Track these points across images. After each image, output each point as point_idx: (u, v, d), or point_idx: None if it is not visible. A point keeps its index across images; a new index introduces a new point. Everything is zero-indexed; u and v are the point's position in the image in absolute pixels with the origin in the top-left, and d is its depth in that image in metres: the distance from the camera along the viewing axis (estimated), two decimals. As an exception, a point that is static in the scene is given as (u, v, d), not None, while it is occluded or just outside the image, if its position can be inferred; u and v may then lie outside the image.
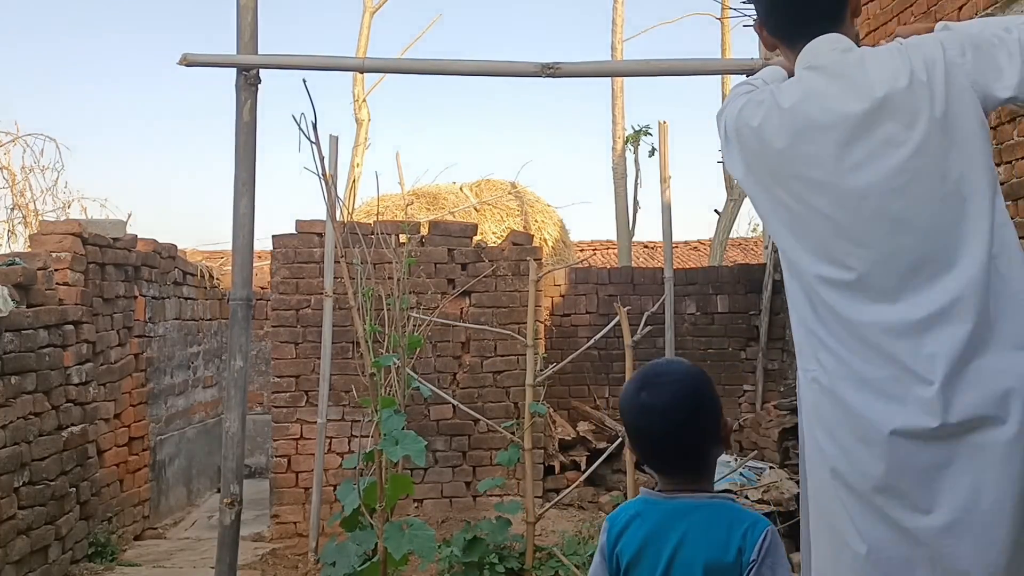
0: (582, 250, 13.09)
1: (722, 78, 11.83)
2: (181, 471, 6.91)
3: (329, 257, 5.03)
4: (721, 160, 9.47)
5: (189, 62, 3.05)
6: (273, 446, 5.92)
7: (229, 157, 3.09)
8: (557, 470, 6.29)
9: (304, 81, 3.08)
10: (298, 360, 5.90)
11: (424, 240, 6.17)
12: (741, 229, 20.47)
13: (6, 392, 4.21)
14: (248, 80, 3.09)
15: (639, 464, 5.26)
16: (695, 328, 7.33)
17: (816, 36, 1.63)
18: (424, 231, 6.29)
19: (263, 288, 7.75)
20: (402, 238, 5.69)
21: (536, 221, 8.47)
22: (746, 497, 5.04)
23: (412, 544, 3.09)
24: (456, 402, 5.02)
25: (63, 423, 4.81)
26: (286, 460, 5.87)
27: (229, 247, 3.22)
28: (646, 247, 15.51)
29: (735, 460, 5.32)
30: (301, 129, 3.03)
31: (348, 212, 7.78)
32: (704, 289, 7.39)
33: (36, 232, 5.36)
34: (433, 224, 6.54)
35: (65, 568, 4.80)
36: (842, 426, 1.55)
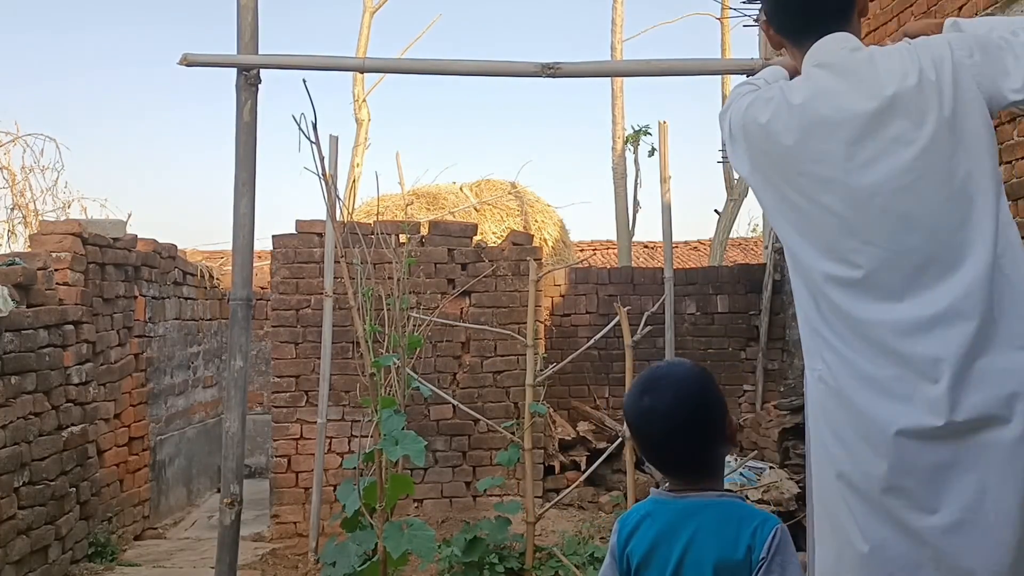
0: (582, 250, 13.07)
1: (722, 78, 11.84)
2: (181, 471, 6.90)
3: (329, 257, 5.02)
4: (721, 160, 9.49)
5: (189, 62, 3.05)
6: (273, 446, 5.92)
7: (229, 157, 3.10)
8: (557, 470, 6.28)
9: (304, 81, 3.09)
10: (298, 360, 5.90)
11: (424, 240, 6.17)
12: (741, 229, 20.51)
13: (6, 392, 4.21)
14: (248, 80, 3.09)
15: (639, 464, 5.28)
16: (695, 328, 7.32)
17: (823, 35, 1.63)
18: (424, 231, 6.29)
19: (263, 288, 7.74)
20: (402, 238, 5.70)
21: (536, 221, 8.46)
22: (746, 497, 5.03)
23: (412, 544, 3.09)
24: (456, 402, 5.03)
25: (63, 423, 4.81)
26: (286, 460, 5.86)
27: (229, 247, 3.22)
28: (646, 247, 15.51)
29: (735, 460, 5.31)
30: (301, 129, 3.03)
31: (348, 212, 7.77)
32: (704, 289, 7.38)
33: (36, 232, 5.36)
34: (433, 224, 6.53)
35: (65, 568, 4.80)
36: (848, 425, 1.55)
